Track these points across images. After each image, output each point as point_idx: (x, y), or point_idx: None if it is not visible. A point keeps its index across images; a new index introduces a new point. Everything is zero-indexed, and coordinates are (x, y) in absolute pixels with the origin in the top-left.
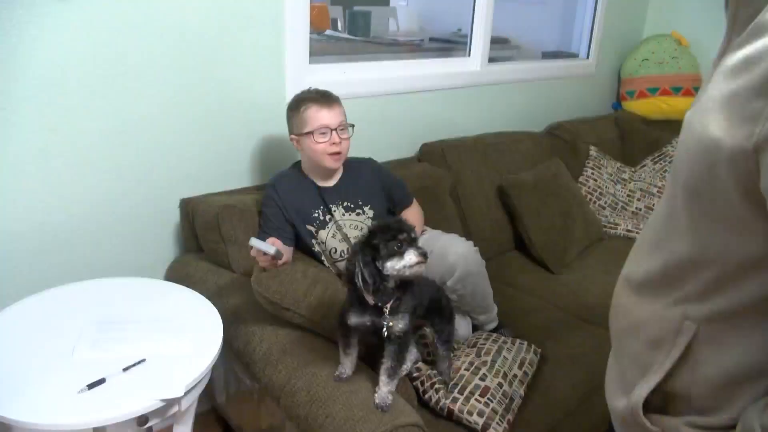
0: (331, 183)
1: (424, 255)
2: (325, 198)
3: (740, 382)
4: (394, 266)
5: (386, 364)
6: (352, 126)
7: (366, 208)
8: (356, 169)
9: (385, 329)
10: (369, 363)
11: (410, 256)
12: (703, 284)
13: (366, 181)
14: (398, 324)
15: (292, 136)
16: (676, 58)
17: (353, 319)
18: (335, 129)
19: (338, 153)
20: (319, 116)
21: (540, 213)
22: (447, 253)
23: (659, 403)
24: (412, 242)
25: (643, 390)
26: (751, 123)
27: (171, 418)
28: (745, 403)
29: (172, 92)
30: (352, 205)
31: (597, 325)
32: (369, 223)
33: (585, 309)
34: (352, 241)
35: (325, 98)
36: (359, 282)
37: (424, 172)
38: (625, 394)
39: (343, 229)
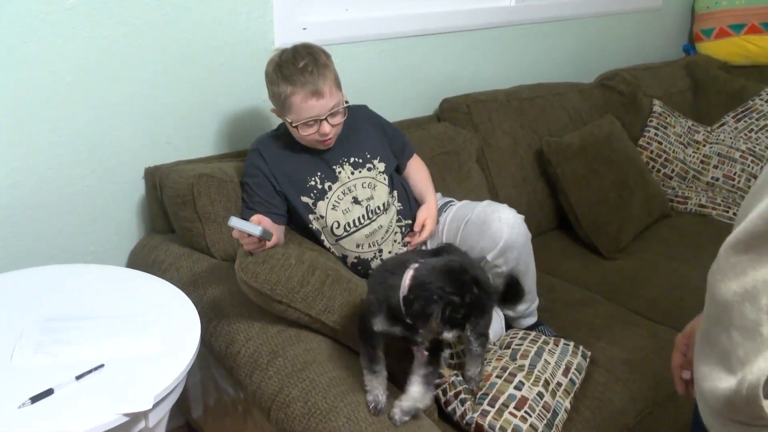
0: None
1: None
2: (328, 159)
3: None
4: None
5: (420, 371)
6: (347, 105)
7: (375, 162)
8: (352, 117)
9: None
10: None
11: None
12: None
13: (367, 130)
14: (449, 334)
15: (274, 109)
16: None
17: (380, 326)
18: (325, 117)
19: (329, 138)
20: (306, 107)
21: (589, 184)
22: (488, 220)
23: None
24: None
25: (763, 366)
26: None
27: None
28: None
29: (132, 33)
30: (360, 160)
31: (660, 323)
32: (382, 179)
33: (645, 303)
34: (364, 204)
35: (312, 82)
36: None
37: (444, 133)
38: (732, 372)
39: (354, 191)
